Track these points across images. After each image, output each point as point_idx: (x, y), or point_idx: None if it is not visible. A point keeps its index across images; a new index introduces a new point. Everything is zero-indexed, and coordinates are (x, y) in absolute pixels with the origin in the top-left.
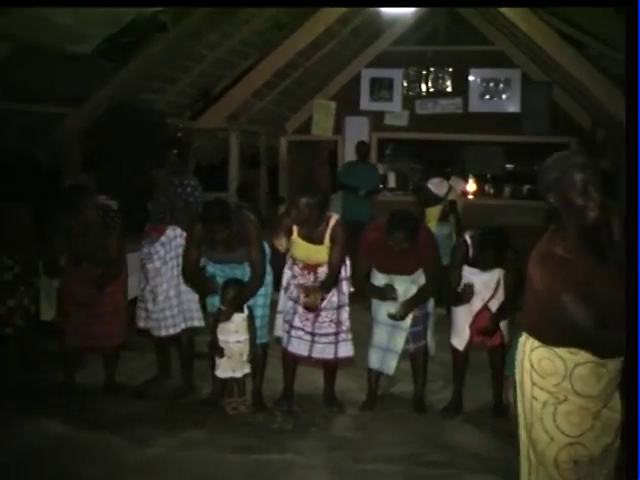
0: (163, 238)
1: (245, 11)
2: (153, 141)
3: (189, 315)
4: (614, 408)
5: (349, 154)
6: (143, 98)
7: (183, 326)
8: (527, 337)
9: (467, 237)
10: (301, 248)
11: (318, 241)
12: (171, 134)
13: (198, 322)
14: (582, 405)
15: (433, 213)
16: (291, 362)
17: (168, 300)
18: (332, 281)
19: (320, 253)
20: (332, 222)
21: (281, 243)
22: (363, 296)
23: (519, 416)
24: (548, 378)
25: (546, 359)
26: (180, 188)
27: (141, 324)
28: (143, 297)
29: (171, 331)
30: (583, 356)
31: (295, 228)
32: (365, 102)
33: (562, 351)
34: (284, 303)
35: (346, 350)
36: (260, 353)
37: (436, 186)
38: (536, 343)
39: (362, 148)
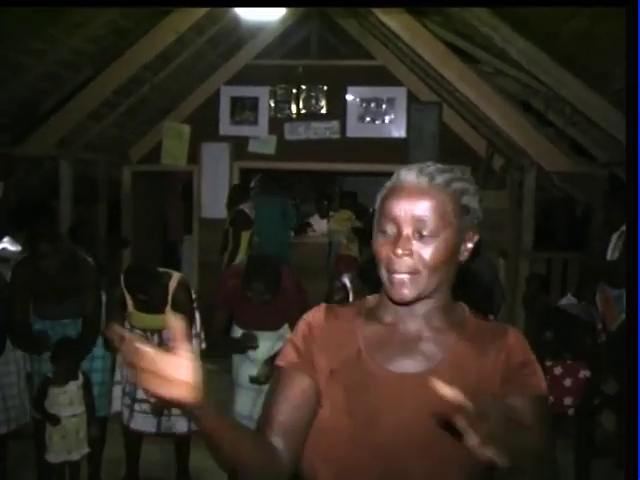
0: None
1: (78, 13)
2: None
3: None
4: None
5: (207, 187)
6: None
7: (14, 426)
8: None
9: (346, 281)
10: (139, 319)
11: (158, 310)
12: None
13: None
14: None
15: (246, 237)
16: (135, 440)
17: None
18: None
19: (162, 322)
20: (173, 285)
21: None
22: (221, 355)
23: None
24: None
25: None
26: None
27: None
28: None
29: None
30: None
31: (129, 299)
32: (225, 126)
33: None
34: (123, 371)
35: None
36: (99, 429)
37: (250, 210)
38: None
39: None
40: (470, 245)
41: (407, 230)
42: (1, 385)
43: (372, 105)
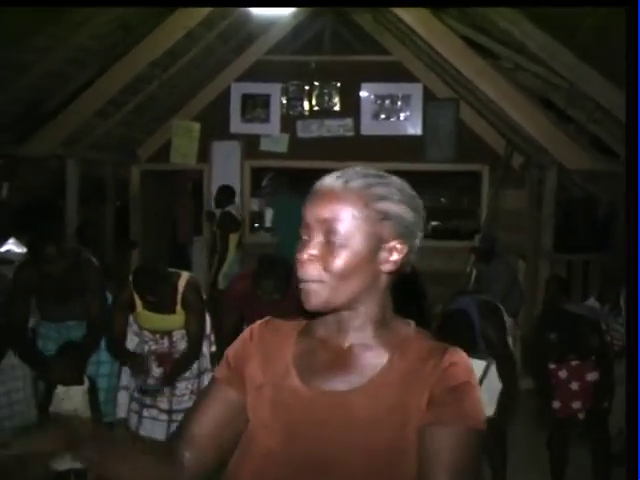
0: None
1: (82, 10)
2: None
3: None
4: None
5: (217, 186)
6: None
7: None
8: None
9: None
10: (148, 320)
11: (168, 310)
12: None
13: None
14: None
15: (234, 239)
16: None
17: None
18: (195, 354)
19: (172, 323)
20: (182, 284)
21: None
22: None
23: None
24: None
25: None
26: None
27: None
28: None
29: None
30: None
31: (138, 300)
32: (236, 123)
33: None
34: (130, 376)
35: None
36: None
37: (237, 211)
38: None
39: None
40: (396, 256)
41: (317, 236)
42: (8, 390)
43: (387, 102)
